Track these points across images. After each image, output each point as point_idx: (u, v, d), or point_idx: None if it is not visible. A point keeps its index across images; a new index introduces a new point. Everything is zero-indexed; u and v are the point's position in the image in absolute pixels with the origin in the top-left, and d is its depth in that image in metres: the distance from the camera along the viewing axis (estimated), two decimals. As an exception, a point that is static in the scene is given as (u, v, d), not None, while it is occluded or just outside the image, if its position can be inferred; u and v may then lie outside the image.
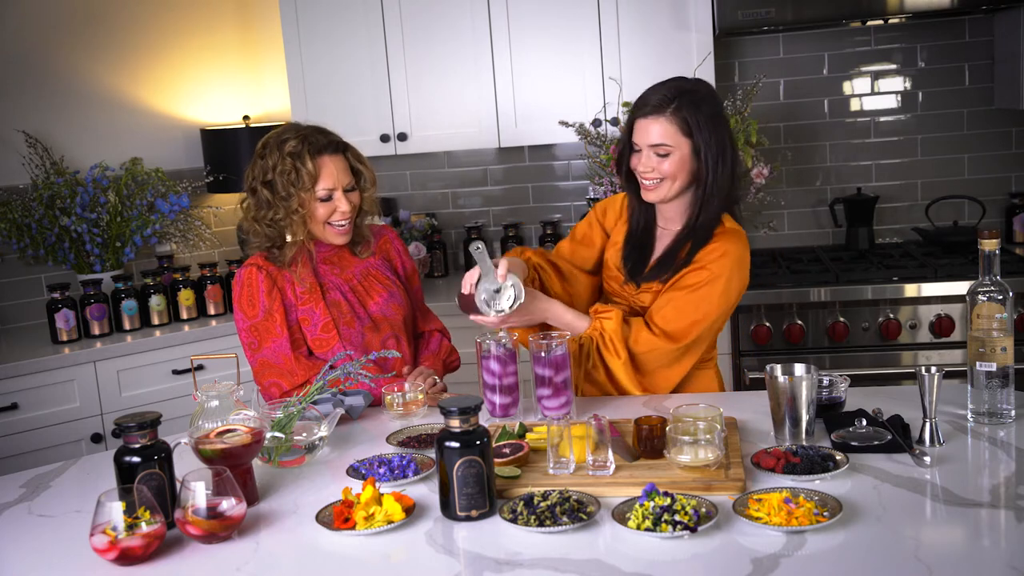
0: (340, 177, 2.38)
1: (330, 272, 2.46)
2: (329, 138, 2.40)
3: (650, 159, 2.25)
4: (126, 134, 3.89)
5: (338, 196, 2.37)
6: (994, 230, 1.96)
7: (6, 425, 3.16)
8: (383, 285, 2.50)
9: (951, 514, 1.61)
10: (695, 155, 2.24)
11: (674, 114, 2.22)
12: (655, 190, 2.28)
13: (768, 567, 1.46)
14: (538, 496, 1.67)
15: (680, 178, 2.26)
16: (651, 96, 2.26)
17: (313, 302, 2.41)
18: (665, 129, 2.22)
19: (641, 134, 2.26)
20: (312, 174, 2.34)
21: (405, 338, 2.51)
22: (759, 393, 2.20)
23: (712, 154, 2.23)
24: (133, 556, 1.60)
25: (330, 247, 2.47)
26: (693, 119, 2.22)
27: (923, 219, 3.83)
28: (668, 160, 2.23)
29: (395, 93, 3.76)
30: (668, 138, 2.22)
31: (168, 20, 4.00)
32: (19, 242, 3.54)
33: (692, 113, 2.22)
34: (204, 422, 1.93)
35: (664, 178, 2.25)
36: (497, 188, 4.17)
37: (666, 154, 2.23)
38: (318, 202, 2.37)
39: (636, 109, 2.28)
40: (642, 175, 2.28)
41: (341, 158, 2.40)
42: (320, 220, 2.38)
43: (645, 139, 2.25)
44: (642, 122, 2.25)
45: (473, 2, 3.69)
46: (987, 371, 1.95)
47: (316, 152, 2.36)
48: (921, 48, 3.82)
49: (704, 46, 3.58)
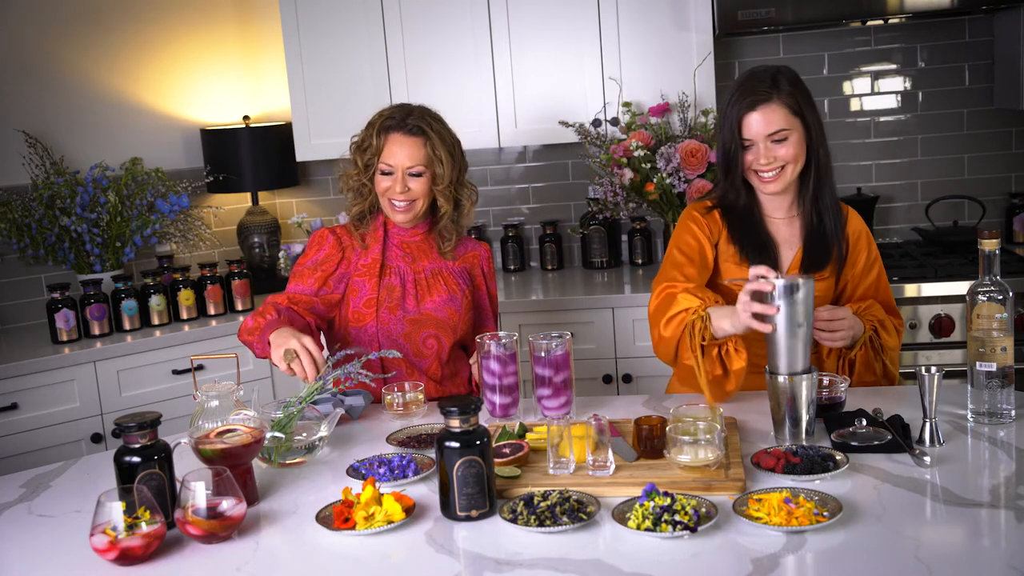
0: (403, 158, 2.42)
1: (400, 258, 2.50)
2: (409, 120, 2.45)
3: (769, 149, 2.22)
4: (126, 134, 3.89)
5: (397, 176, 2.42)
6: (994, 230, 1.96)
7: (6, 425, 3.16)
8: (447, 287, 2.51)
9: (951, 514, 1.61)
10: (807, 133, 2.24)
11: (780, 97, 2.21)
12: (778, 179, 2.25)
13: (768, 567, 1.46)
14: (538, 496, 1.67)
15: (800, 159, 2.25)
16: (751, 89, 2.22)
17: (368, 275, 2.47)
18: (779, 114, 2.21)
19: (756, 127, 2.21)
20: (376, 147, 2.44)
21: (448, 341, 2.50)
22: (759, 393, 2.20)
23: (818, 127, 2.25)
24: (133, 556, 1.60)
25: (411, 232, 2.52)
26: (799, 97, 2.23)
27: (923, 219, 3.83)
28: (786, 145, 2.22)
29: (395, 93, 3.76)
30: (784, 122, 2.21)
31: (168, 20, 4.00)
32: (19, 242, 3.54)
33: (793, 91, 2.22)
34: (204, 422, 1.93)
35: (786, 164, 2.23)
36: (497, 188, 4.17)
37: (783, 139, 2.22)
38: (380, 175, 2.45)
39: (740, 106, 2.22)
40: (763, 168, 2.24)
41: (415, 141, 2.43)
42: (382, 194, 2.46)
43: (762, 130, 2.21)
44: (753, 115, 2.21)
45: (473, 2, 3.69)
46: (987, 371, 1.95)
47: (387, 128, 2.44)
48: (921, 48, 3.82)
49: (704, 46, 3.58)
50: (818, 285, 2.27)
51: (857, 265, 2.36)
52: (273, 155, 3.98)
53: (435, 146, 2.44)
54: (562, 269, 4.08)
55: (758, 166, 2.23)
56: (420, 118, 2.46)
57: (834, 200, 2.33)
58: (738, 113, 2.23)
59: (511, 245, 4.08)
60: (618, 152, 3.51)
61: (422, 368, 2.48)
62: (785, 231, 2.34)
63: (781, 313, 1.89)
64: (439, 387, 2.51)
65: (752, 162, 2.24)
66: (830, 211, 2.31)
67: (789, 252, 2.33)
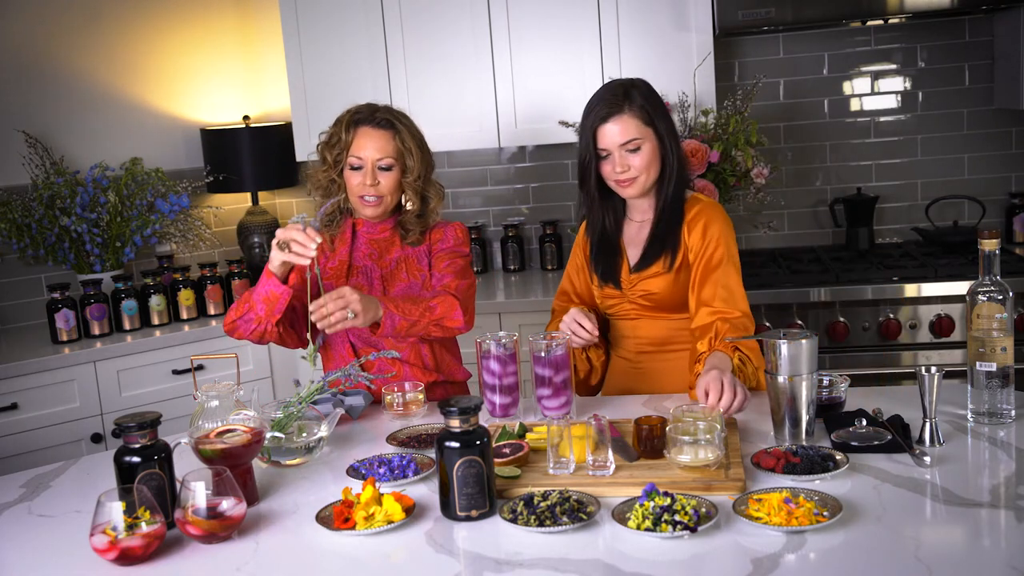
0: (372, 151, 2.41)
1: (366, 256, 2.50)
2: (378, 114, 2.45)
3: (624, 158, 2.30)
4: (126, 134, 3.89)
5: (368, 169, 2.41)
6: (994, 230, 1.96)
7: (6, 425, 3.16)
8: (408, 274, 2.50)
9: (951, 514, 1.61)
10: (659, 141, 2.32)
11: (631, 108, 2.29)
12: (633, 185, 2.33)
13: (768, 567, 1.46)
14: (538, 496, 1.67)
15: (654, 166, 2.33)
16: (602, 102, 2.31)
17: (336, 277, 2.47)
18: (631, 125, 2.29)
19: (609, 138, 2.30)
20: (346, 142, 2.43)
21: None
22: (759, 393, 2.20)
23: (669, 135, 2.33)
24: (133, 556, 1.60)
25: (380, 228, 2.51)
26: (650, 107, 2.31)
27: (923, 219, 3.83)
28: (640, 154, 2.30)
29: (395, 93, 3.76)
30: (636, 131, 2.29)
31: (168, 20, 4.00)
32: (19, 242, 3.54)
33: (646, 102, 2.31)
34: (204, 422, 1.93)
35: (641, 172, 2.31)
36: (497, 188, 4.17)
37: (636, 148, 2.30)
38: (350, 171, 2.43)
39: (592, 118, 2.32)
40: (618, 176, 2.32)
41: (384, 135, 2.43)
42: (352, 190, 2.45)
43: (615, 140, 2.30)
44: (606, 127, 2.30)
45: (473, 2, 3.69)
46: (987, 371, 1.95)
47: (356, 122, 2.44)
48: (921, 48, 3.82)
49: (704, 46, 3.58)
50: (657, 281, 2.36)
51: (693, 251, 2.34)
52: (273, 155, 3.98)
53: (404, 138, 2.45)
54: (562, 269, 4.07)
55: (614, 175, 2.32)
56: (388, 112, 2.47)
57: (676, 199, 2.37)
58: (592, 124, 2.32)
59: (511, 245, 4.08)
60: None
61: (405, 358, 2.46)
62: (639, 233, 2.43)
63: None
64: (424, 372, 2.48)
65: (609, 172, 2.33)
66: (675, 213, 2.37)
67: (636, 252, 2.42)
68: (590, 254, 2.49)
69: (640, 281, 2.38)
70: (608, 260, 2.44)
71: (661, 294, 2.36)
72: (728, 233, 2.36)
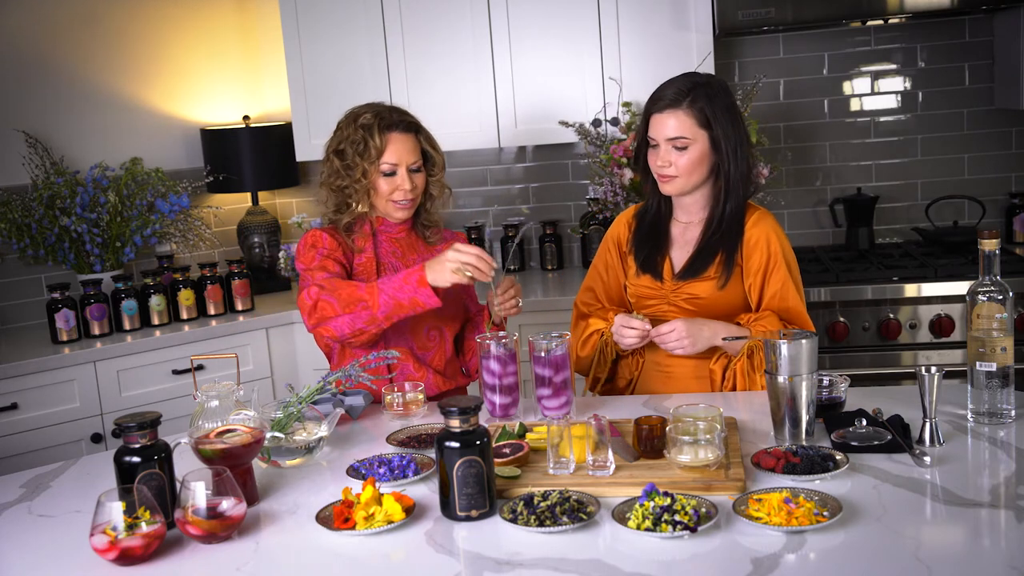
0: (405, 155, 2.43)
1: (391, 255, 2.50)
2: (402, 117, 2.47)
3: (668, 153, 2.26)
4: (126, 134, 3.89)
5: (401, 173, 2.43)
6: (994, 230, 1.96)
7: (6, 425, 3.16)
8: None
9: (951, 514, 1.61)
10: (714, 147, 2.26)
11: (690, 107, 2.24)
12: (671, 182, 2.29)
13: (768, 567, 1.46)
14: (538, 496, 1.67)
15: (699, 171, 2.28)
16: (666, 90, 2.27)
17: (366, 275, 2.46)
18: (682, 122, 2.24)
19: (658, 128, 2.26)
20: (378, 147, 2.41)
21: (449, 332, 2.52)
22: (759, 393, 2.21)
23: (731, 145, 2.26)
24: (133, 556, 1.60)
25: (398, 229, 2.52)
26: (710, 110, 2.24)
27: (923, 219, 3.83)
28: (686, 153, 2.25)
29: (395, 93, 3.76)
30: (686, 131, 2.24)
31: (168, 20, 4.00)
32: (19, 242, 3.54)
33: (708, 104, 2.24)
34: (204, 422, 1.93)
35: (682, 173, 2.27)
36: (497, 188, 4.17)
37: (684, 147, 2.25)
38: (381, 176, 2.43)
39: (651, 104, 2.28)
40: (659, 169, 2.28)
41: (411, 138, 2.45)
42: (383, 195, 2.44)
43: (662, 133, 2.25)
44: (658, 116, 2.26)
45: (473, 2, 3.69)
46: (987, 371, 1.95)
47: (386, 127, 2.43)
48: (921, 48, 3.82)
49: (704, 46, 3.58)
50: (706, 286, 2.31)
51: (751, 269, 2.31)
52: (273, 155, 3.98)
53: (427, 137, 2.49)
54: (562, 269, 4.08)
55: (655, 167, 2.29)
56: (406, 114, 2.49)
57: (736, 209, 2.33)
58: (648, 110, 2.29)
59: (511, 245, 4.07)
60: (618, 152, 3.51)
61: (426, 361, 2.48)
62: (686, 235, 2.39)
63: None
64: (445, 380, 2.51)
65: (653, 162, 2.30)
66: (733, 227, 2.33)
67: (683, 255, 2.37)
68: (633, 237, 2.43)
69: (686, 284, 2.34)
70: (652, 249, 2.39)
71: (708, 299, 2.31)
72: (786, 245, 2.34)
